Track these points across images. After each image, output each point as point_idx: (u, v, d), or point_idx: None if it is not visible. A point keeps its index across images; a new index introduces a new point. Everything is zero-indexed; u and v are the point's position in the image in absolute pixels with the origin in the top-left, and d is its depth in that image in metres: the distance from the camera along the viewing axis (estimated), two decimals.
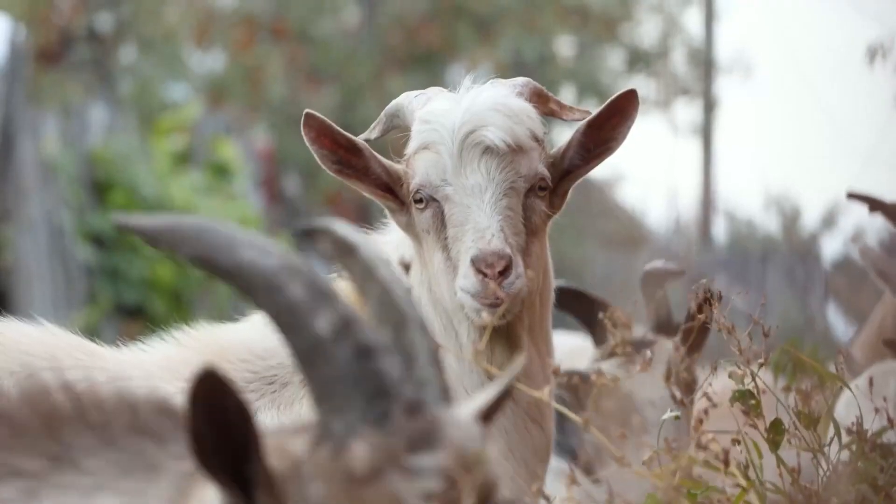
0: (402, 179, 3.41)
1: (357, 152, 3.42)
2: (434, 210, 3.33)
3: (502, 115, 3.34)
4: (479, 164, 3.32)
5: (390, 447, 2.08)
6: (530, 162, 3.35)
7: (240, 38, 20.87)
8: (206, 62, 21.93)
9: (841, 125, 7.45)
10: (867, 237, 5.14)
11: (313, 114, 3.40)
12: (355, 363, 2.09)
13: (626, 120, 3.43)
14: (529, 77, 3.53)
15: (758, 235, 16.04)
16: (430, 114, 3.38)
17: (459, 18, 21.02)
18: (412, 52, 21.10)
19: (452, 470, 2.09)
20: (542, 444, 3.42)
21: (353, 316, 2.11)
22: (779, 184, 14.28)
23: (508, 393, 2.31)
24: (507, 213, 3.29)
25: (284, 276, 2.11)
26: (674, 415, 3.22)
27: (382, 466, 2.07)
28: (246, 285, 2.12)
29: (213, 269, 2.14)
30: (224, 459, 2.07)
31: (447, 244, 3.30)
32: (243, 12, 21.26)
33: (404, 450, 2.08)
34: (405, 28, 21.16)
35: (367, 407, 2.09)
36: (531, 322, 3.39)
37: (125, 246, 13.85)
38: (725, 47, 24.75)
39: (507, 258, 3.20)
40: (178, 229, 2.15)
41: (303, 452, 2.10)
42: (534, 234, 3.35)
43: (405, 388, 2.11)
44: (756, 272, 11.86)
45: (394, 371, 2.11)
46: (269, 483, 2.08)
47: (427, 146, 3.36)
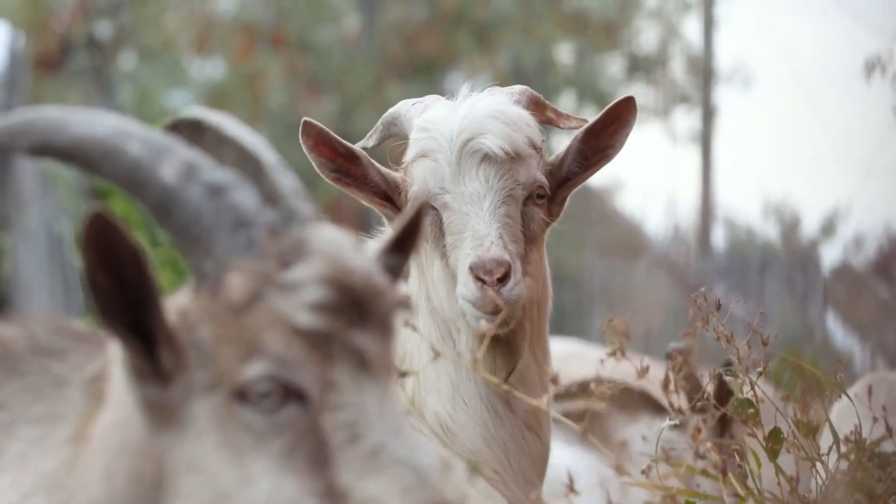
0: (401, 187, 3.41)
1: (355, 160, 3.41)
2: (432, 218, 3.33)
3: (500, 122, 3.34)
4: (477, 171, 3.31)
5: (262, 269, 2.08)
6: (528, 169, 3.35)
7: (239, 46, 20.89)
8: (205, 70, 21.95)
9: (839, 134, 7.45)
10: (866, 245, 5.14)
11: (311, 122, 3.40)
12: (210, 202, 2.10)
13: (624, 127, 3.42)
14: (529, 84, 3.53)
15: (757, 243, 16.04)
16: (428, 122, 3.37)
17: (459, 26, 21.04)
18: (412, 61, 21.11)
19: (331, 277, 2.08)
20: (540, 452, 3.41)
21: (196, 160, 2.13)
22: (778, 192, 14.28)
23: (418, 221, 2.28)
24: (505, 220, 3.28)
25: (119, 138, 2.12)
26: (672, 423, 3.21)
27: (259, 289, 2.07)
28: (86, 159, 2.13)
29: (52, 153, 2.15)
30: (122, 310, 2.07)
31: (445, 252, 3.30)
32: (243, 20, 21.28)
33: (276, 268, 2.08)
34: (405, 36, 21.17)
35: (230, 240, 2.09)
36: (529, 330, 3.38)
37: None
38: (725, 55, 24.75)
39: (505, 265, 3.20)
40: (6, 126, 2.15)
41: (186, 302, 2.11)
42: (532, 242, 3.34)
43: (264, 215, 2.11)
44: (755, 280, 11.86)
45: (248, 201, 2.11)
46: (168, 337, 2.08)
47: (425, 154, 3.36)
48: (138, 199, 2.14)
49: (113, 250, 2.06)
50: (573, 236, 16.62)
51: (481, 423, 3.34)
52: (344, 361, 2.07)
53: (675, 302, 10.91)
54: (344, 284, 2.08)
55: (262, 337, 2.05)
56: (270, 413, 2.05)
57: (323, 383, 2.06)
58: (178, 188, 2.11)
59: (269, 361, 2.05)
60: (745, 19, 24.33)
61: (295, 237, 2.11)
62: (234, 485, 2.05)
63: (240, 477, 2.05)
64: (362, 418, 2.06)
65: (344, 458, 2.04)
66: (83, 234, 2.04)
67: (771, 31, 26.02)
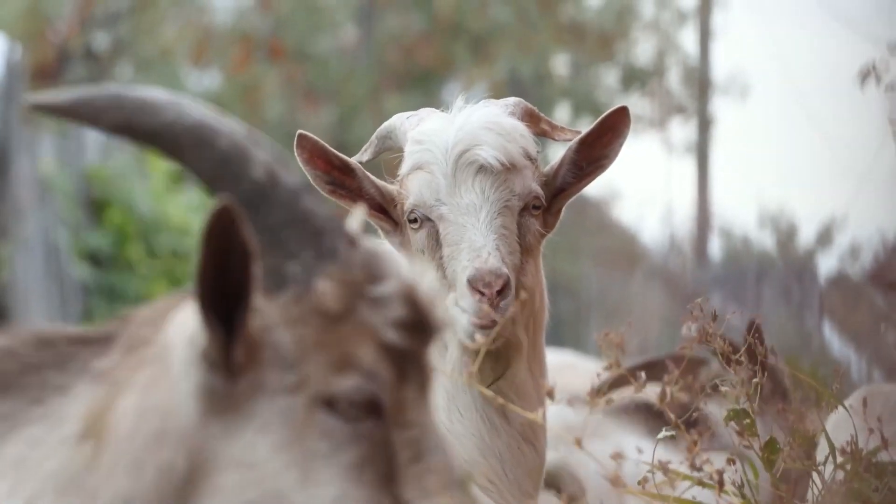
0: (396, 200, 3.41)
1: (350, 173, 3.42)
2: (429, 230, 3.33)
3: (495, 133, 3.34)
4: (473, 183, 3.31)
5: (352, 279, 2.08)
6: (524, 180, 3.35)
7: (237, 57, 20.90)
8: (203, 81, 21.95)
9: (836, 143, 7.46)
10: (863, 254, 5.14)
11: (306, 134, 3.40)
12: (294, 204, 2.09)
13: (618, 137, 3.43)
14: (525, 95, 3.53)
15: (753, 253, 16.04)
16: (423, 134, 3.38)
17: (456, 37, 21.06)
18: (409, 71, 21.13)
19: (408, 295, 2.10)
20: (536, 464, 3.41)
21: (275, 159, 2.13)
22: (774, 201, 14.28)
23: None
24: (502, 231, 3.28)
25: (209, 130, 2.11)
26: (669, 434, 3.21)
27: (352, 300, 2.07)
28: (172, 145, 2.11)
29: (135, 134, 2.13)
30: (219, 299, 2.06)
31: (442, 263, 3.29)
32: (240, 31, 21.29)
33: (365, 281, 2.09)
34: (402, 46, 21.19)
35: (317, 245, 2.08)
36: (525, 341, 3.37)
37: (121, 264, 13.84)
38: (721, 66, 24.78)
39: (504, 277, 3.19)
40: (94, 100, 2.14)
41: (262, 303, 2.09)
42: (528, 253, 3.34)
43: (338, 222, 2.12)
44: (751, 289, 11.86)
45: (321, 207, 2.12)
46: (246, 335, 2.07)
47: (421, 166, 3.36)
48: (223, 191, 2.10)
49: (229, 243, 2.05)
50: (570, 246, 16.62)
51: (477, 434, 3.34)
52: (413, 380, 2.11)
53: (672, 311, 10.91)
54: (417, 304, 2.11)
55: (356, 349, 2.06)
56: (353, 423, 2.06)
57: (396, 400, 2.09)
58: (269, 187, 2.10)
59: (362, 374, 2.06)
60: (742, 30, 24.37)
61: (368, 251, 2.13)
62: (291, 486, 2.04)
63: (301, 479, 2.04)
64: (425, 438, 2.09)
65: (408, 475, 2.07)
66: (208, 222, 2.03)
67: (767, 41, 26.06)
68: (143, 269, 13.91)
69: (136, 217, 14.07)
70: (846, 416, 3.20)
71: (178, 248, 14.29)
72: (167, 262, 14.23)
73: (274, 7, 21.17)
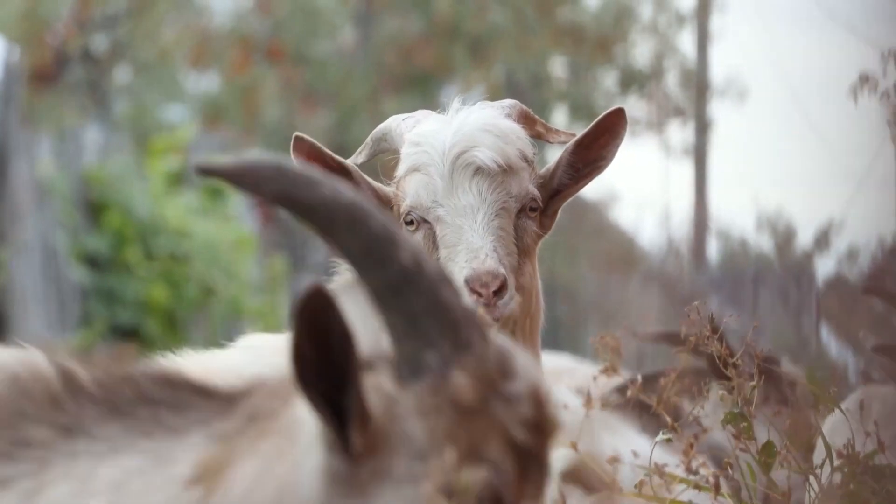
0: (393, 202, 3.41)
1: (347, 175, 3.42)
2: (426, 231, 3.33)
3: (492, 135, 3.35)
4: (470, 184, 3.32)
5: (488, 375, 2.06)
6: (521, 182, 3.35)
7: (235, 60, 20.90)
8: (201, 83, 21.95)
9: (834, 147, 7.46)
10: (860, 258, 5.14)
11: (303, 137, 3.41)
12: (436, 293, 2.07)
13: (615, 138, 3.43)
14: (524, 98, 3.53)
15: (751, 256, 16.06)
16: (420, 136, 3.38)
17: (454, 40, 21.07)
18: (408, 73, 21.14)
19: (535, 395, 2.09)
20: None
21: (419, 246, 2.12)
22: (772, 204, 14.29)
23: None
24: (499, 233, 3.28)
25: (363, 211, 2.10)
26: (666, 437, 3.21)
27: (487, 395, 2.06)
28: (327, 221, 2.11)
29: (293, 206, 2.13)
30: (321, 384, 2.03)
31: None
32: (239, 34, 21.29)
33: (499, 377, 2.07)
34: (400, 49, 21.20)
35: (454, 336, 2.06)
36: (521, 344, 3.37)
37: (119, 267, 13.84)
38: (719, 69, 24.79)
39: (501, 277, 3.20)
40: (258, 169, 2.14)
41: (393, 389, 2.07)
42: (525, 255, 3.35)
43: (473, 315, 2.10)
44: (749, 292, 11.86)
45: (458, 298, 2.10)
46: (364, 419, 2.05)
47: (417, 168, 3.36)
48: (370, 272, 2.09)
49: (324, 325, 2.03)
50: (567, 249, 16.63)
51: None
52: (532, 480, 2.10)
53: (669, 314, 10.90)
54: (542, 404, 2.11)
55: (486, 443, 2.05)
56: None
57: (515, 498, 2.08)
58: (416, 273, 2.08)
59: (490, 469, 2.05)
60: (740, 33, 24.38)
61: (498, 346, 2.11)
62: None
63: None
64: None
65: None
66: (299, 304, 2.01)
67: (765, 44, 26.08)
68: (141, 271, 13.90)
69: (134, 220, 14.07)
70: (843, 420, 3.20)
71: (177, 251, 14.29)
72: (165, 265, 14.23)
73: (272, 10, 21.18)
